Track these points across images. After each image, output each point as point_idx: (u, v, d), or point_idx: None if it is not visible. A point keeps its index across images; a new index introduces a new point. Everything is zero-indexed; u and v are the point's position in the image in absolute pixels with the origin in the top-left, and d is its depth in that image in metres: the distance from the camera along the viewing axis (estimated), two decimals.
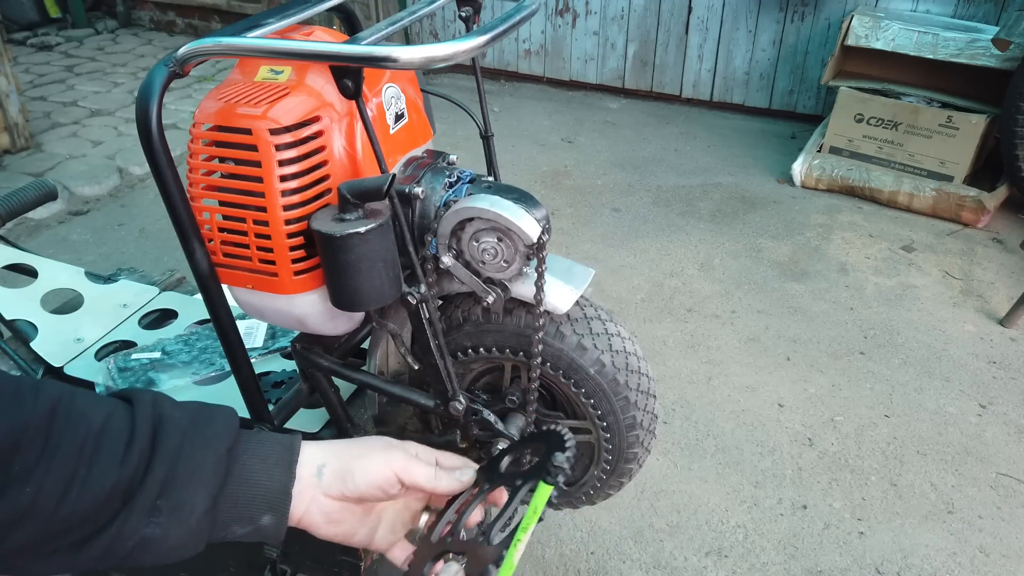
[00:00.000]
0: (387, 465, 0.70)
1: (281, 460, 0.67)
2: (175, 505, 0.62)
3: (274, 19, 0.85)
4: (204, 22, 5.53)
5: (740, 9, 4.13)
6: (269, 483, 0.66)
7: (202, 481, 0.63)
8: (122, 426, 0.62)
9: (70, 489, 0.59)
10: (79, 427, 0.61)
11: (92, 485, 0.59)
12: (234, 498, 0.65)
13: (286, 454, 0.68)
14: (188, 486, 0.63)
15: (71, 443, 0.60)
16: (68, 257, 2.92)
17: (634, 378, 0.97)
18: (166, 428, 0.64)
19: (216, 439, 0.65)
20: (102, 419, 0.62)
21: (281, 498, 0.66)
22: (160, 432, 0.63)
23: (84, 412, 0.62)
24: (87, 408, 0.62)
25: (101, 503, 0.60)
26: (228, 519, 0.65)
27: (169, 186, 0.81)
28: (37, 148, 3.75)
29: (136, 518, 0.61)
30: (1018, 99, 2.94)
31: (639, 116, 4.39)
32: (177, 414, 0.65)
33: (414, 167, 0.91)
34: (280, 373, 1.25)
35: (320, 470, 0.68)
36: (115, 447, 0.61)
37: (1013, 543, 1.86)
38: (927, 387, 2.35)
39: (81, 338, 1.32)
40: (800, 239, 3.16)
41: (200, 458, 0.64)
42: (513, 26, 0.79)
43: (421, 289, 0.86)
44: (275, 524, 0.67)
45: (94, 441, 0.61)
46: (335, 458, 0.69)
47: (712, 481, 2.01)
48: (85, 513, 0.59)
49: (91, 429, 0.61)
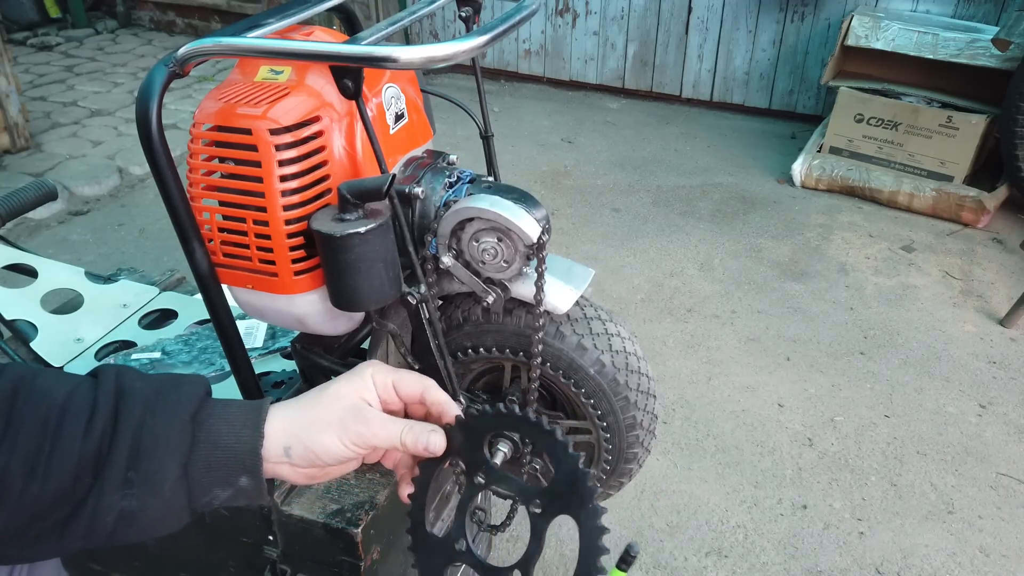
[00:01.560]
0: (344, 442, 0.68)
1: (248, 422, 0.66)
2: (145, 475, 0.62)
3: (274, 19, 0.85)
4: (204, 22, 5.53)
5: (740, 9, 4.13)
6: (237, 445, 0.65)
7: (168, 449, 0.63)
8: (84, 400, 0.63)
9: (36, 467, 0.59)
10: (40, 404, 0.61)
11: (57, 461, 0.60)
12: (205, 463, 0.64)
13: (252, 415, 0.67)
14: (155, 455, 0.62)
15: (33, 421, 0.60)
16: (68, 257, 2.92)
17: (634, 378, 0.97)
18: (128, 399, 0.64)
19: (179, 406, 0.65)
20: (64, 395, 0.62)
21: (252, 458, 0.65)
22: (122, 404, 0.63)
23: (46, 390, 0.62)
24: (49, 385, 0.63)
25: (70, 479, 0.60)
26: (205, 484, 0.65)
27: (169, 186, 0.81)
28: (37, 148, 3.75)
29: (110, 492, 0.61)
30: (1018, 99, 2.94)
31: (639, 116, 4.39)
32: (139, 385, 0.65)
33: (414, 167, 0.91)
34: (280, 373, 1.25)
35: (287, 451, 0.67)
36: (77, 421, 0.61)
37: (1013, 543, 1.85)
38: (927, 387, 2.35)
39: (81, 338, 1.32)
40: (800, 239, 3.16)
41: (163, 426, 0.63)
42: (513, 26, 0.79)
43: (421, 289, 0.86)
44: (254, 484, 0.66)
45: (56, 417, 0.61)
46: (296, 439, 0.67)
47: (712, 481, 2.01)
48: (56, 490, 0.60)
49: (53, 406, 0.61)
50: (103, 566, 1.28)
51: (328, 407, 0.69)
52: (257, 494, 0.67)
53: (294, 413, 0.69)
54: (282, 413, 0.68)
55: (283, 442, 0.67)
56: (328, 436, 0.68)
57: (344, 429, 0.68)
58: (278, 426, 0.67)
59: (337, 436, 0.68)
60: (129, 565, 1.26)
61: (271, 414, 0.68)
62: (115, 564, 1.27)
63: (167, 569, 1.22)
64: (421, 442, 0.70)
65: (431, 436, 0.70)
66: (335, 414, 0.69)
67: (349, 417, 0.69)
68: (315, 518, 1.00)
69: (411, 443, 0.70)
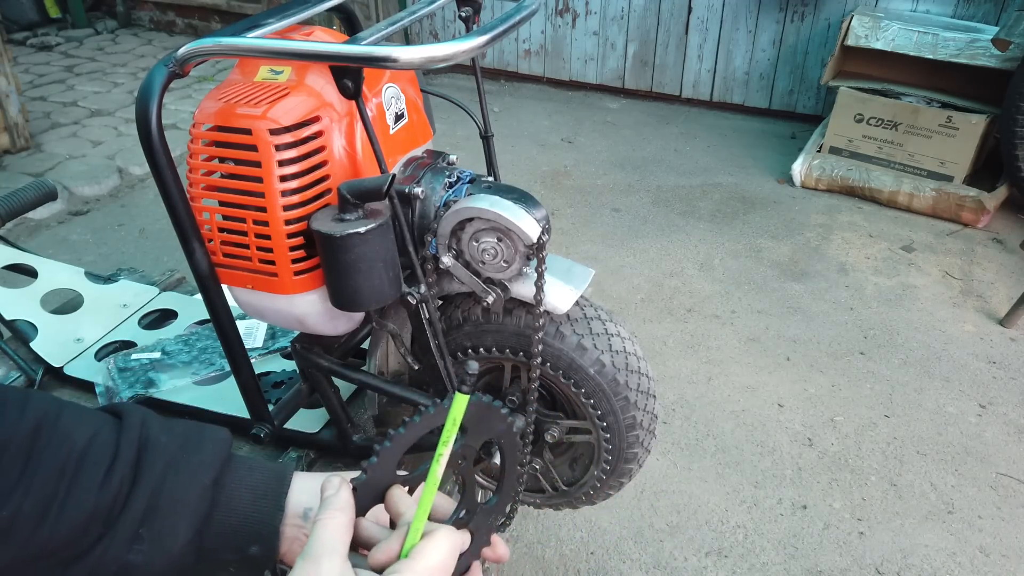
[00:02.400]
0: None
1: (269, 491, 0.65)
2: (158, 535, 0.61)
3: (274, 19, 0.85)
4: (204, 22, 5.53)
5: (740, 9, 4.13)
6: (256, 515, 0.64)
7: (185, 512, 0.62)
8: (105, 449, 0.61)
9: (48, 512, 0.58)
10: (61, 447, 0.59)
11: (71, 509, 0.58)
12: (221, 528, 0.63)
13: (275, 485, 0.65)
14: (170, 516, 0.61)
15: (52, 464, 0.59)
16: (68, 257, 2.92)
17: (634, 378, 0.97)
18: (150, 453, 0.62)
19: (202, 469, 0.63)
20: (86, 440, 0.61)
21: (269, 532, 0.64)
22: (144, 457, 0.62)
23: (68, 431, 0.60)
24: (71, 427, 0.61)
25: (80, 528, 0.59)
26: (215, 548, 0.63)
27: (169, 186, 0.81)
28: (37, 148, 3.75)
29: (118, 545, 0.60)
30: (1018, 99, 2.94)
31: (639, 116, 4.39)
32: (164, 439, 0.63)
33: (414, 167, 0.91)
34: (280, 373, 1.25)
35: (306, 513, 0.65)
36: (96, 471, 0.60)
37: (1013, 543, 1.86)
38: (927, 387, 2.35)
39: (81, 338, 1.32)
40: (800, 239, 3.16)
41: (184, 488, 0.62)
42: (513, 26, 0.79)
43: (421, 289, 0.86)
44: (264, 555, 0.64)
45: (75, 463, 0.59)
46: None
47: (712, 481, 2.01)
48: (64, 537, 0.59)
49: (73, 450, 0.60)
50: None
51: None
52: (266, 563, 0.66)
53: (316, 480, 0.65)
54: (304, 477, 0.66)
55: (304, 505, 0.65)
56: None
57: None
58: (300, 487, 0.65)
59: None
60: None
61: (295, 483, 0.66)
62: None
63: None
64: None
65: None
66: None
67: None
68: None
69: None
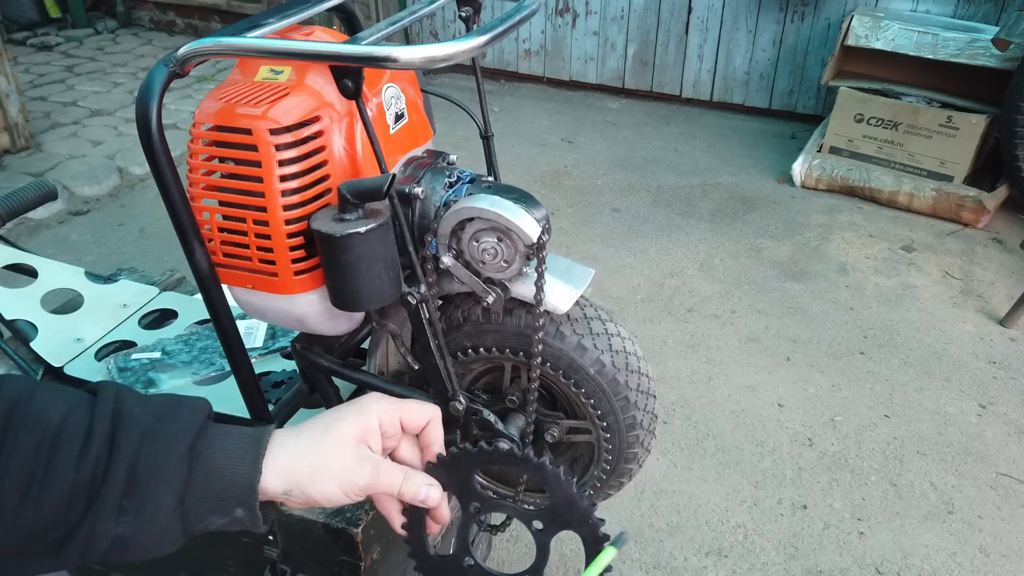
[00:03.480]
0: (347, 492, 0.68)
1: (247, 454, 0.65)
2: (141, 505, 0.61)
3: (274, 19, 0.85)
4: (204, 22, 5.53)
5: (740, 9, 4.13)
6: (235, 478, 0.64)
7: (164, 481, 0.62)
8: (79, 424, 0.62)
9: (29, 491, 0.59)
10: (36, 427, 0.60)
11: (51, 486, 0.59)
12: (202, 494, 0.63)
13: (252, 447, 0.65)
14: (150, 486, 0.62)
15: (28, 444, 0.59)
16: (68, 257, 2.92)
17: (634, 378, 0.97)
18: (125, 426, 0.63)
19: (177, 437, 0.63)
20: (60, 417, 0.61)
21: (248, 493, 0.64)
22: (119, 430, 0.62)
23: (41, 410, 0.61)
24: (45, 406, 0.62)
25: (63, 504, 0.60)
26: (201, 512, 0.64)
27: (169, 186, 0.81)
28: (37, 148, 3.75)
29: (104, 519, 0.61)
30: (1018, 99, 2.94)
31: (639, 116, 4.39)
32: (138, 411, 0.64)
33: (414, 167, 0.91)
34: (280, 373, 1.25)
35: (288, 492, 0.66)
36: (72, 447, 0.60)
37: (1013, 543, 1.85)
38: (927, 387, 2.35)
39: (81, 338, 1.32)
40: (800, 239, 3.16)
41: (161, 458, 0.62)
42: (513, 26, 0.79)
43: (421, 289, 0.86)
44: (249, 516, 0.65)
45: (51, 441, 0.60)
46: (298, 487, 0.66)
47: (712, 481, 2.01)
48: (49, 515, 0.59)
49: (48, 428, 0.60)
50: (103, 566, 1.28)
51: (333, 454, 0.67)
52: (252, 523, 0.66)
53: (297, 455, 0.67)
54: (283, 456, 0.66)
55: (283, 487, 0.66)
56: (330, 486, 0.67)
57: (345, 480, 0.67)
58: (279, 469, 0.66)
59: (340, 487, 0.67)
60: (129, 565, 1.26)
61: (272, 449, 0.66)
62: (116, 564, 1.27)
63: (167, 569, 1.22)
64: (421, 494, 0.71)
65: (430, 490, 0.71)
66: (339, 462, 0.67)
67: (353, 467, 0.68)
68: (315, 518, 1.00)
69: (410, 494, 0.70)
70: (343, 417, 0.69)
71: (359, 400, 0.72)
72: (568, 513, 0.72)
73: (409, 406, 0.73)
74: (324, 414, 0.71)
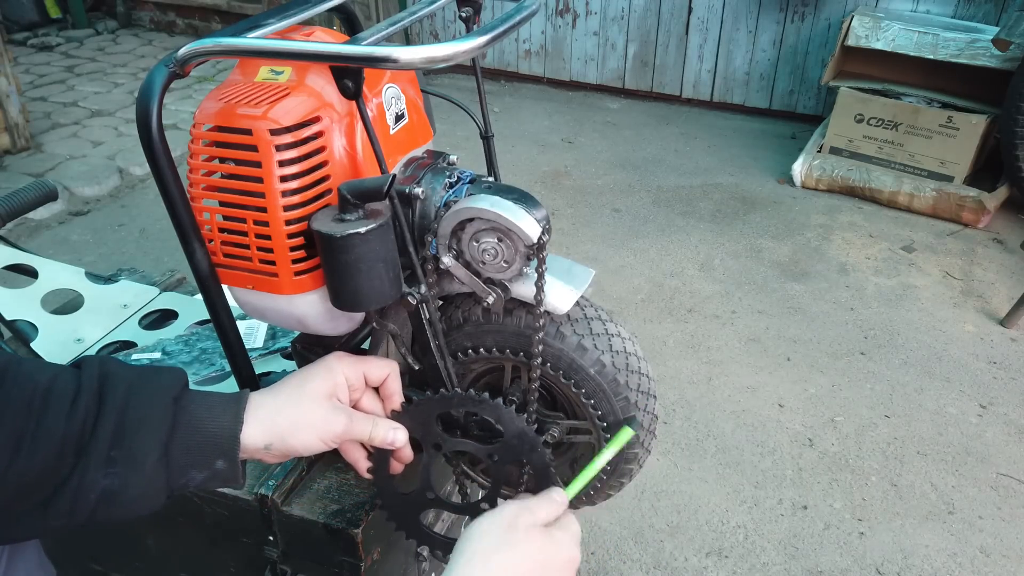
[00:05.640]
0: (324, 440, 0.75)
1: (228, 408, 0.71)
2: (128, 454, 0.65)
3: (274, 19, 0.85)
4: (204, 22, 5.53)
5: (740, 9, 4.13)
6: (217, 429, 0.69)
7: (151, 429, 0.66)
8: (68, 383, 0.66)
9: (21, 445, 0.62)
10: (26, 386, 0.64)
11: (42, 440, 0.62)
12: (185, 444, 0.68)
13: (232, 403, 0.71)
14: (138, 435, 0.66)
15: (19, 402, 0.63)
16: (68, 257, 2.92)
17: (634, 378, 0.97)
18: (112, 381, 0.67)
19: (162, 389, 0.68)
20: (49, 378, 0.65)
21: (230, 443, 0.69)
22: (107, 385, 0.66)
23: (31, 374, 0.65)
24: (35, 370, 0.66)
25: (54, 456, 0.63)
26: (183, 465, 0.68)
27: (169, 186, 0.81)
28: (37, 148, 3.75)
29: (93, 470, 0.64)
30: (1018, 99, 2.94)
31: (639, 116, 4.39)
32: (123, 371, 0.69)
33: (414, 167, 0.91)
34: (280, 373, 1.25)
35: (268, 446, 0.72)
36: (62, 402, 0.64)
37: (1013, 543, 1.85)
38: (927, 387, 2.35)
39: (81, 338, 1.32)
40: (800, 239, 3.16)
41: (147, 408, 0.67)
42: (513, 26, 0.79)
43: (421, 289, 0.85)
44: (230, 468, 0.70)
45: (41, 399, 0.64)
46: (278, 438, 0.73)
47: (712, 481, 2.01)
48: (41, 467, 0.62)
49: (38, 387, 0.64)
50: (103, 566, 1.28)
51: (309, 407, 0.75)
52: (232, 477, 0.71)
53: (274, 412, 0.74)
54: (262, 412, 0.73)
55: (263, 440, 0.72)
56: (307, 435, 0.74)
57: (323, 429, 0.75)
58: (259, 422, 0.72)
59: (317, 435, 0.75)
60: (130, 565, 1.26)
61: (251, 408, 0.72)
62: (115, 564, 1.27)
63: (167, 569, 1.22)
64: (389, 437, 0.80)
65: (396, 433, 0.80)
66: (315, 414, 0.75)
67: (328, 416, 0.75)
68: (315, 518, 1.00)
69: (379, 438, 0.79)
70: (313, 376, 0.78)
71: (324, 359, 0.81)
72: (519, 445, 0.84)
73: (370, 362, 0.83)
74: (293, 374, 0.78)
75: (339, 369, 0.79)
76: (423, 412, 0.85)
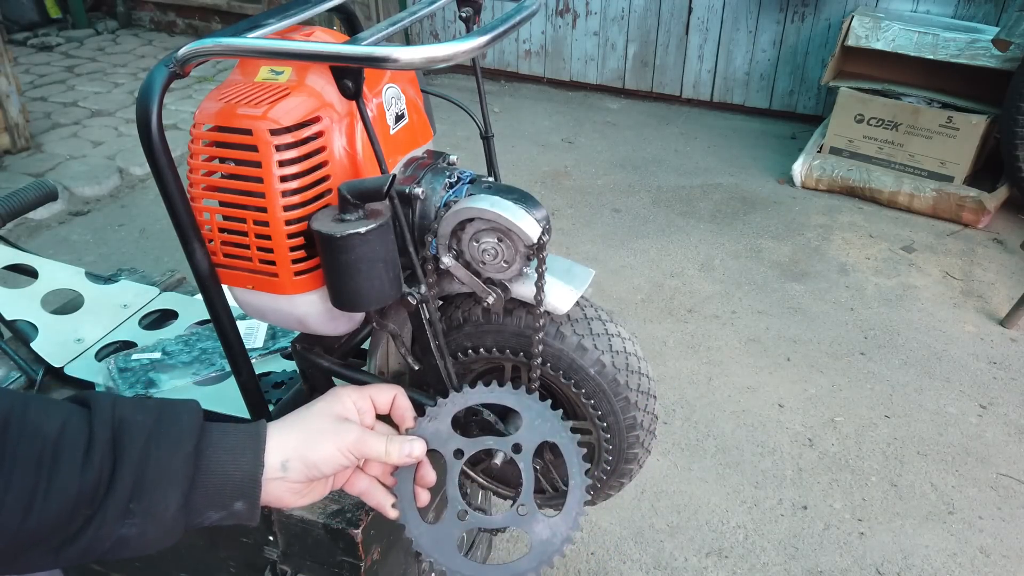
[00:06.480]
0: (341, 449, 0.73)
1: (248, 449, 0.69)
2: (148, 506, 0.63)
3: (274, 19, 0.85)
4: (204, 23, 5.53)
5: (740, 10, 4.13)
6: (237, 472, 0.68)
7: (172, 481, 0.64)
8: (79, 434, 0.62)
9: (33, 503, 0.59)
10: (34, 439, 0.60)
11: (55, 496, 0.59)
12: (205, 489, 0.66)
13: (252, 442, 0.69)
14: (158, 487, 0.64)
15: (28, 457, 0.60)
16: (68, 257, 2.92)
17: (634, 378, 0.97)
18: (128, 432, 0.64)
19: (182, 438, 0.66)
20: (57, 428, 0.62)
21: (251, 485, 0.68)
22: (121, 436, 0.63)
23: (38, 423, 0.62)
24: (41, 418, 0.62)
25: (68, 512, 0.60)
26: (202, 507, 0.67)
27: (169, 186, 0.81)
28: (37, 148, 3.75)
29: (110, 522, 0.62)
30: (1018, 99, 2.94)
31: (639, 117, 4.39)
32: (139, 417, 0.65)
33: (414, 167, 0.91)
34: (280, 373, 1.25)
35: (284, 465, 0.70)
36: (74, 456, 0.61)
37: (1013, 543, 1.85)
38: (927, 387, 2.35)
39: (81, 338, 1.32)
40: (800, 239, 3.16)
41: (167, 460, 0.64)
42: (513, 27, 0.79)
43: (421, 289, 0.85)
44: (248, 509, 0.68)
45: (51, 452, 0.60)
46: (295, 452, 0.71)
47: (712, 482, 2.01)
48: (54, 523, 0.60)
49: (47, 440, 0.61)
50: (103, 566, 1.28)
51: (319, 423, 0.74)
52: (249, 517, 0.69)
53: (288, 429, 0.73)
54: (277, 433, 0.72)
55: (281, 457, 0.70)
56: (326, 445, 0.72)
57: (340, 438, 0.73)
58: (275, 444, 0.71)
59: (334, 444, 0.73)
60: (129, 565, 1.26)
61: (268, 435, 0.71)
62: (115, 564, 1.27)
63: (167, 569, 1.22)
64: (405, 450, 0.77)
65: (413, 444, 0.78)
66: (329, 424, 0.74)
67: (339, 427, 0.74)
68: (315, 518, 1.00)
69: (396, 452, 0.76)
70: (318, 401, 0.78)
71: (329, 392, 0.80)
72: (543, 424, 0.83)
73: (374, 387, 0.82)
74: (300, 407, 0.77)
75: (344, 394, 0.78)
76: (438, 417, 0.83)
